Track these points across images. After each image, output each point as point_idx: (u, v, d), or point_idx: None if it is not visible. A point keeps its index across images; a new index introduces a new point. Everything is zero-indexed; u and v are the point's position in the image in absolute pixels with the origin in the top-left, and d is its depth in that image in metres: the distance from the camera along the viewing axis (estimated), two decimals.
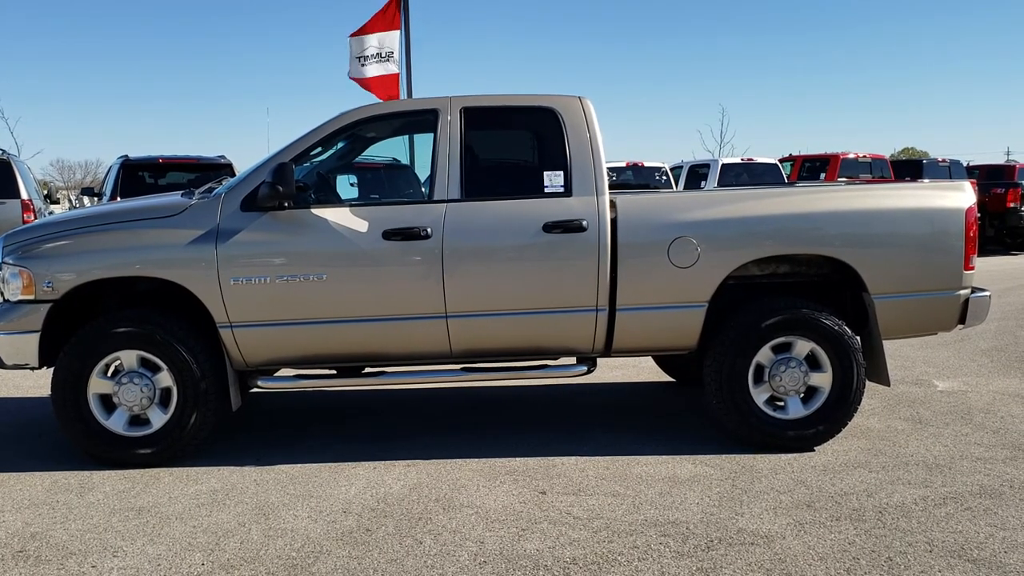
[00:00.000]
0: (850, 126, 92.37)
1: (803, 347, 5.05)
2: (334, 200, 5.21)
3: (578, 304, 4.96)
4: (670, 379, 6.95)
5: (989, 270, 13.89)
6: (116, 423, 4.92)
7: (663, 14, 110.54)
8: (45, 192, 14.73)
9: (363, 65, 11.95)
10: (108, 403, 4.93)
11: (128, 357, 4.90)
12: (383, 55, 11.92)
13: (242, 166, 8.82)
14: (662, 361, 6.97)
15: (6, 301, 4.96)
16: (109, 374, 4.94)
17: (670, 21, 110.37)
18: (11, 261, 4.92)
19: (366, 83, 11.98)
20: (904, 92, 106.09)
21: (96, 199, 13.34)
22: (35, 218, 11.50)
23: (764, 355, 5.05)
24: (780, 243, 5.02)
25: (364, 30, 11.97)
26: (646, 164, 18.43)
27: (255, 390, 5.39)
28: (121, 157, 12.24)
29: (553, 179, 5.03)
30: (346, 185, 7.63)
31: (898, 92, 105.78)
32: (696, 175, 18.69)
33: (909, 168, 21.05)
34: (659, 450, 5.11)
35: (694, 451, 5.07)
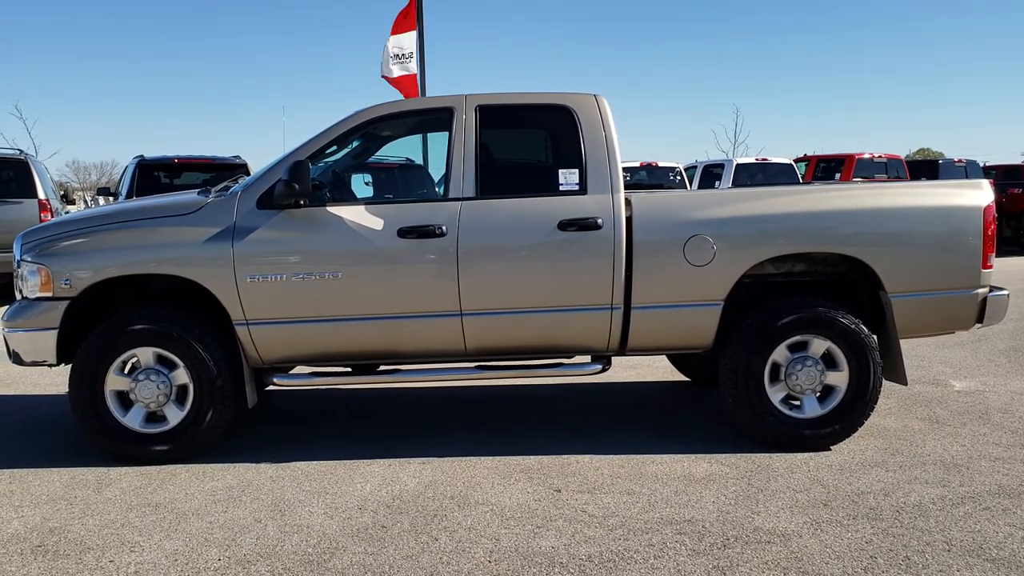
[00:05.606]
0: (865, 126, 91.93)
1: (819, 346, 5.02)
2: (349, 198, 5.24)
3: (593, 302, 4.95)
4: (685, 378, 6.93)
5: (1006, 270, 13.78)
6: (133, 420, 4.94)
7: (678, 14, 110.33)
8: (61, 192, 14.83)
9: (393, 65, 12.05)
10: (125, 400, 4.96)
11: (145, 354, 4.93)
12: (405, 55, 11.99)
13: (257, 166, 8.85)
14: (677, 360, 6.95)
15: (24, 298, 4.99)
16: (126, 371, 4.97)
17: (685, 21, 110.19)
18: (29, 259, 4.96)
19: (396, 83, 12.08)
20: (920, 92, 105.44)
21: (112, 199, 13.42)
22: (52, 218, 11.57)
23: (780, 354, 5.03)
24: (796, 241, 4.99)
25: (396, 30, 12.06)
26: (660, 164, 18.39)
27: (271, 387, 5.41)
28: (137, 157, 12.32)
29: (568, 177, 5.03)
30: (361, 184, 7.66)
31: (914, 92, 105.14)
32: (710, 175, 18.64)
33: (925, 168, 20.92)
34: (674, 449, 5.09)
35: (709, 450, 5.06)
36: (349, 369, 5.28)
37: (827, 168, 19.65)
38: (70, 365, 4.98)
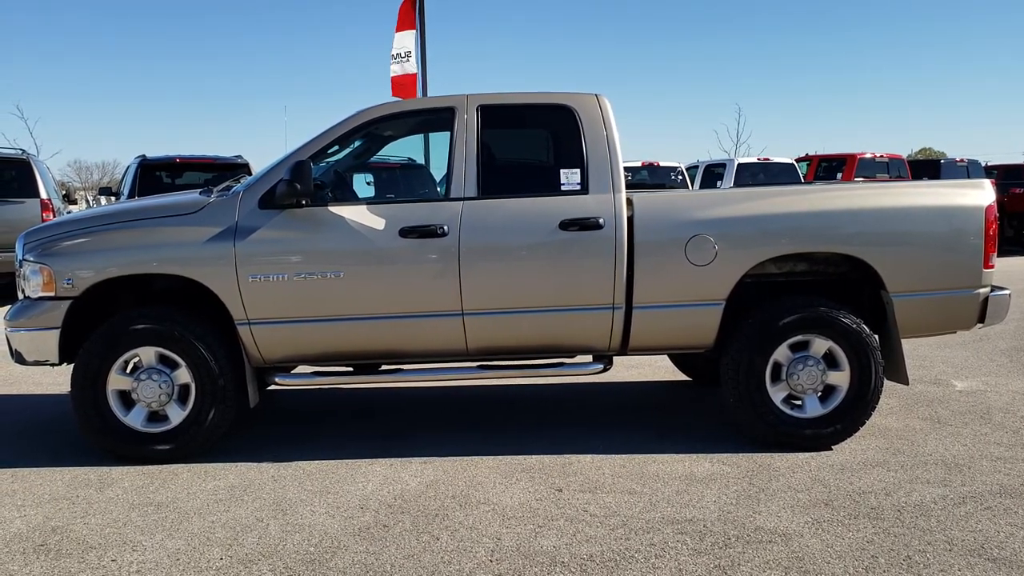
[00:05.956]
0: (867, 126, 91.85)
1: (821, 345, 5.02)
2: (351, 198, 5.24)
3: (594, 302, 4.95)
4: (686, 378, 6.93)
5: (1008, 270, 13.77)
6: (135, 419, 4.95)
7: (679, 13, 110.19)
8: (64, 192, 14.83)
9: (392, 64, 12.06)
10: (127, 399, 4.97)
11: (147, 354, 4.93)
12: (402, 55, 11.99)
13: (259, 165, 8.86)
14: (678, 360, 6.95)
15: (27, 298, 5.00)
16: (128, 371, 4.98)
17: (687, 21, 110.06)
18: (31, 258, 4.97)
19: (396, 82, 12.10)
20: (922, 92, 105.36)
21: (114, 199, 13.43)
22: (54, 217, 11.58)
23: (782, 353, 5.03)
24: (797, 241, 4.99)
25: (399, 28, 12.08)
26: (662, 164, 18.37)
27: (272, 387, 5.41)
28: (139, 157, 12.33)
29: (570, 177, 5.03)
30: (362, 184, 7.67)
31: (916, 92, 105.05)
32: (712, 175, 18.61)
33: (927, 168, 20.91)
34: (676, 448, 5.10)
35: (711, 450, 5.06)
36: (351, 369, 5.28)
37: (829, 168, 19.63)
38: (72, 365, 4.99)
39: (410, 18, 12.09)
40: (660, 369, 7.28)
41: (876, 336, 5.10)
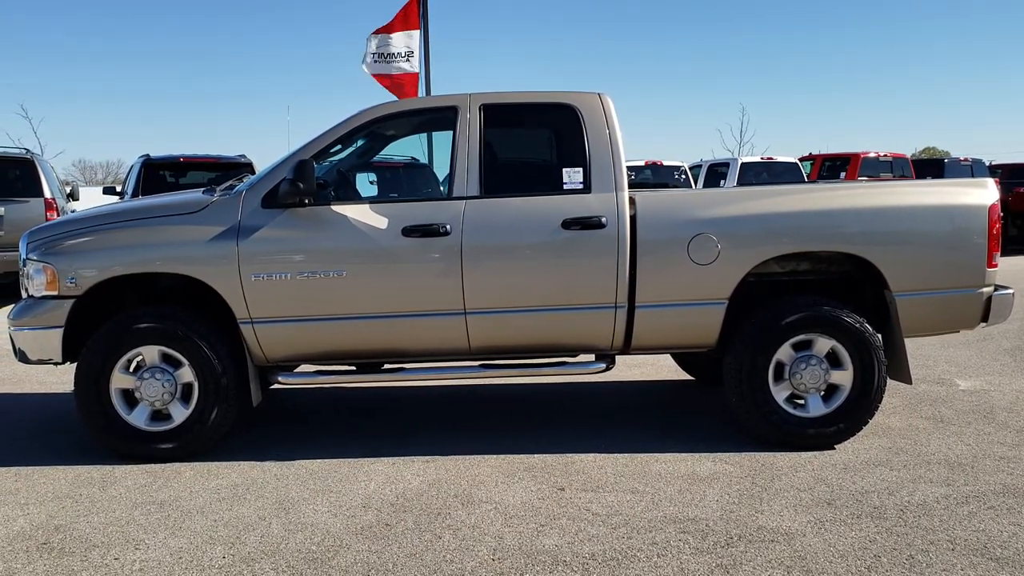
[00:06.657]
0: (870, 125, 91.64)
1: (824, 345, 5.02)
2: (354, 197, 5.26)
3: (597, 301, 4.95)
4: (689, 377, 6.93)
5: (1012, 270, 13.72)
6: (138, 418, 4.96)
7: (681, 13, 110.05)
8: (68, 191, 14.85)
9: (386, 63, 12.03)
10: (130, 398, 4.97)
11: (150, 353, 4.94)
12: (403, 54, 11.99)
13: (262, 165, 8.87)
14: (681, 359, 6.95)
15: (30, 297, 5.01)
16: (131, 369, 4.98)
17: (689, 20, 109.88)
18: (35, 257, 4.98)
19: (385, 80, 12.06)
20: (925, 91, 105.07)
21: (118, 198, 13.46)
22: (58, 216, 11.60)
23: (784, 353, 5.03)
24: (800, 240, 4.99)
25: (387, 28, 12.06)
26: (665, 163, 18.36)
27: (275, 386, 5.42)
28: (142, 156, 12.37)
29: (572, 176, 5.03)
30: (365, 183, 7.68)
31: (919, 91, 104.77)
32: (715, 174, 18.61)
33: (930, 167, 20.88)
34: (678, 448, 5.09)
35: (713, 449, 5.05)
36: (353, 368, 5.29)
37: (832, 167, 19.61)
38: (75, 363, 5.00)
39: (415, 18, 12.08)
40: (663, 368, 7.27)
41: (879, 335, 5.09)
